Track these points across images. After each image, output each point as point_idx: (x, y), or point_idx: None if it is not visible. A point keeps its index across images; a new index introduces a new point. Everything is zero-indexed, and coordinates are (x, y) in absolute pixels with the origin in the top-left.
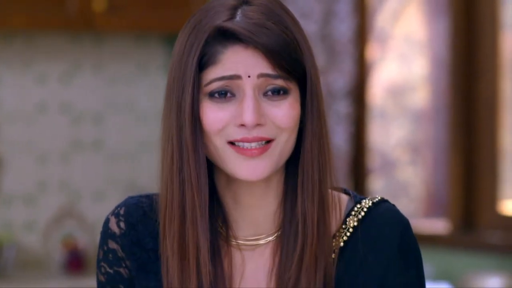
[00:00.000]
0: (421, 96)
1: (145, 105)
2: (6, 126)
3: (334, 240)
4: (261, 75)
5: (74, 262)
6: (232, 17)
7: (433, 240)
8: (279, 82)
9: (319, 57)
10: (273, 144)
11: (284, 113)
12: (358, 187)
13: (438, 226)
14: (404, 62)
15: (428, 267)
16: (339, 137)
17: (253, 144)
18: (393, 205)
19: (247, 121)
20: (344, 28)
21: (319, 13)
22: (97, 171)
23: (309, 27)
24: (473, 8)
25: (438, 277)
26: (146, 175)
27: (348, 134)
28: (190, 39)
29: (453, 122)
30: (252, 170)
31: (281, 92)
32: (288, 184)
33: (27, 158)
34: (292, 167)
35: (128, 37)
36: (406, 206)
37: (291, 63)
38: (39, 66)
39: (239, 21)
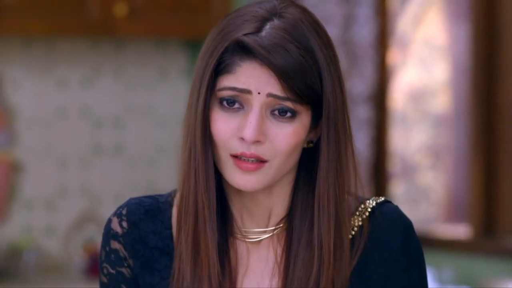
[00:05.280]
0: (442, 101)
1: (165, 110)
2: (27, 131)
3: None
4: (270, 95)
5: (95, 267)
6: (258, 30)
7: (454, 245)
8: (288, 104)
9: (340, 62)
10: (267, 165)
11: (284, 137)
12: (379, 192)
13: (459, 231)
14: (425, 66)
15: (448, 272)
16: (360, 142)
17: (250, 160)
18: (396, 206)
19: (247, 136)
20: (364, 32)
21: (339, 18)
22: (117, 176)
23: (330, 31)
24: (494, 13)
25: (458, 282)
26: (166, 179)
27: (369, 138)
28: (214, 43)
29: (474, 127)
30: (245, 182)
31: (288, 113)
32: (298, 193)
33: (48, 163)
34: (304, 174)
35: (148, 42)
36: (427, 210)
37: (304, 88)
38: (60, 71)
39: (262, 37)
